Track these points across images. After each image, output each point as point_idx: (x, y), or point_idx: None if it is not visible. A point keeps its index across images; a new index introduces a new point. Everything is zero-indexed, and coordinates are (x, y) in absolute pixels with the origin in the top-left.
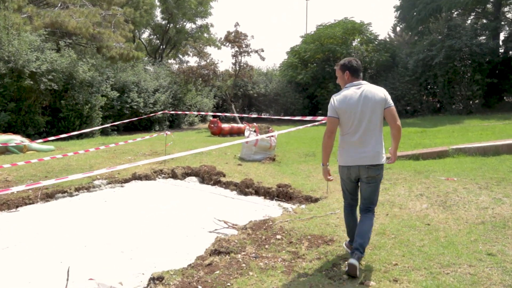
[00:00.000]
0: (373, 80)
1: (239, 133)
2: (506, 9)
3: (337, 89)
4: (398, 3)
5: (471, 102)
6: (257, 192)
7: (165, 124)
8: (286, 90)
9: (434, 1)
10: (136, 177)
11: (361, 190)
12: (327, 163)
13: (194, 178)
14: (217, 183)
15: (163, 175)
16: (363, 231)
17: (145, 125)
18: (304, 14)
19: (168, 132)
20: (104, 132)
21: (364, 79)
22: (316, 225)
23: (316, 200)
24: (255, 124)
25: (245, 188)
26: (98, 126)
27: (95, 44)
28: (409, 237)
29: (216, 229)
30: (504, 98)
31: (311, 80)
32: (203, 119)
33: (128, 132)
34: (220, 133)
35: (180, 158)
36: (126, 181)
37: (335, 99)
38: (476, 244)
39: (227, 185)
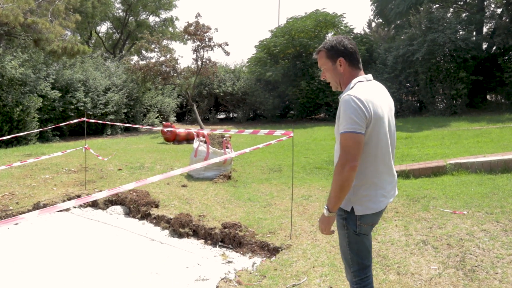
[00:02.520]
0: None
1: None
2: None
3: (310, 87)
4: None
5: (454, 101)
6: (196, 233)
7: (119, 128)
8: (255, 88)
9: None
10: (40, 207)
11: None
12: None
13: (119, 208)
14: (146, 216)
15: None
16: None
17: (96, 129)
18: (277, 6)
19: (87, 146)
20: (44, 138)
21: None
22: None
23: (275, 250)
24: (205, 132)
25: (180, 228)
26: (33, 130)
27: (31, 36)
28: None
29: None
30: (488, 97)
31: (281, 77)
32: (165, 120)
33: (75, 137)
34: (175, 139)
35: (111, 176)
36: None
37: (363, 99)
38: None
39: (158, 221)
